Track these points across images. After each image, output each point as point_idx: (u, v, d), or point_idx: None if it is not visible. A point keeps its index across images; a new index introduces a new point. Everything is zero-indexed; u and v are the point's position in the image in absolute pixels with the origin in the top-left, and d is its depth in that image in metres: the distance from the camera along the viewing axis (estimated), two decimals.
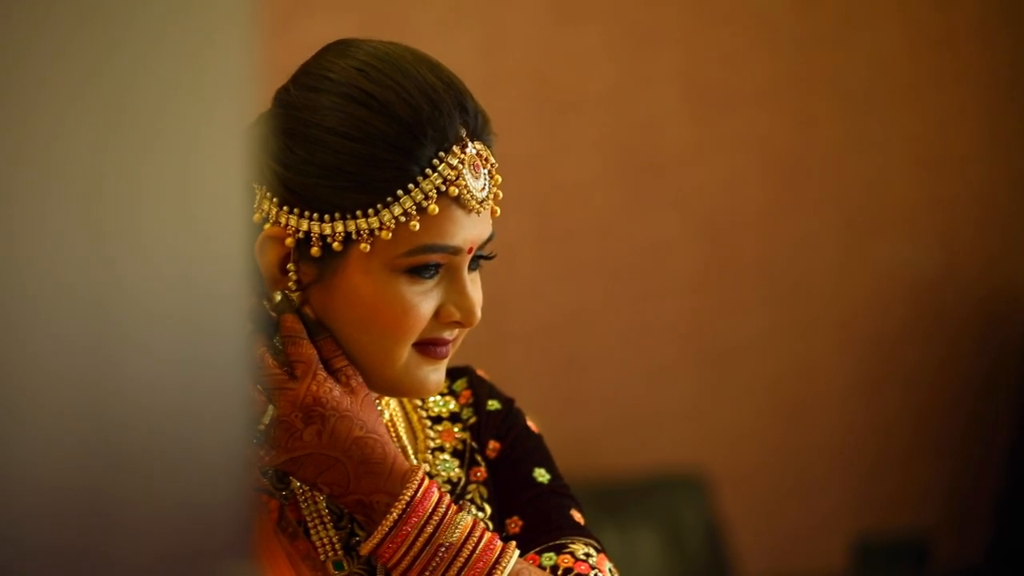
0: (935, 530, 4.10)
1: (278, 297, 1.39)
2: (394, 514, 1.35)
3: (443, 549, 1.35)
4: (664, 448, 3.85)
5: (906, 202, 4.08)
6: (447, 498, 1.38)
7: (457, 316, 1.40)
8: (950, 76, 4.10)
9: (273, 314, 1.39)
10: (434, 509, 1.36)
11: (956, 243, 4.14)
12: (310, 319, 1.40)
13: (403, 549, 1.35)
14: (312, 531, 1.41)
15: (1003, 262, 4.20)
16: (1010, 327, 4.20)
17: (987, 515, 4.15)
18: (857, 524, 4.04)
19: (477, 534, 1.37)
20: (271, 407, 1.35)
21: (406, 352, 1.39)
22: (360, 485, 1.36)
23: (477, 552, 1.36)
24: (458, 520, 1.36)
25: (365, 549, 1.37)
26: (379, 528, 1.36)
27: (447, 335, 1.41)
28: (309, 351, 1.37)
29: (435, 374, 1.42)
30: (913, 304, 4.10)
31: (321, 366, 1.37)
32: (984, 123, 4.15)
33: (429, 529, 1.35)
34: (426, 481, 1.37)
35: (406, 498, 1.35)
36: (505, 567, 1.36)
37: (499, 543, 1.37)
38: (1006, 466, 4.13)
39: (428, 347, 1.40)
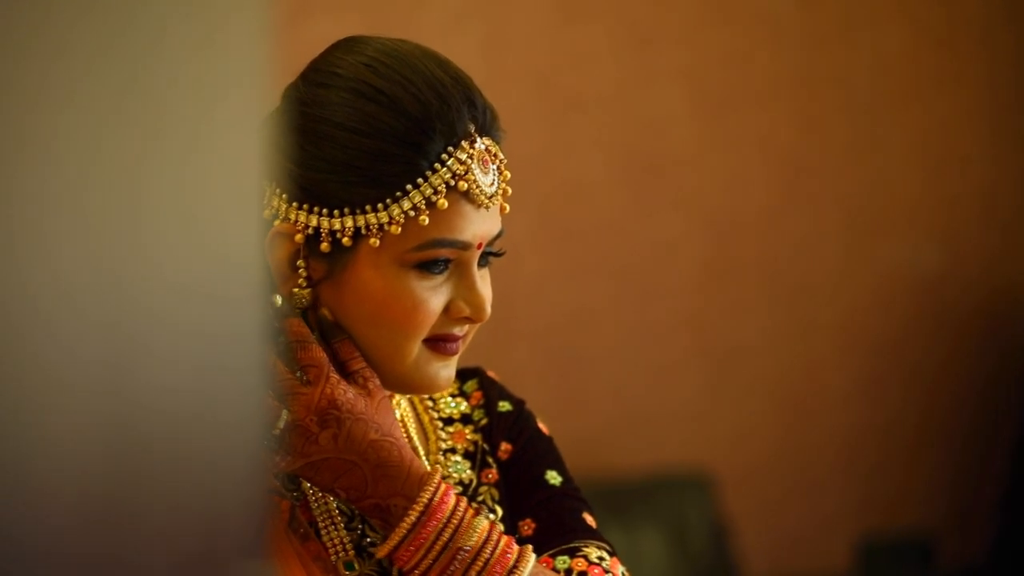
0: (939, 530, 4.09)
1: (279, 302, 1.39)
2: (412, 517, 1.34)
3: (462, 553, 1.34)
4: (668, 447, 3.85)
5: (908, 202, 4.08)
6: (464, 502, 1.37)
7: (467, 312, 1.40)
8: (953, 76, 4.10)
9: (276, 324, 1.38)
10: (452, 513, 1.35)
11: (958, 243, 4.14)
12: (327, 320, 1.39)
13: (421, 553, 1.34)
14: (323, 532, 1.40)
15: (1005, 262, 4.20)
16: (1012, 326, 4.19)
17: (991, 514, 4.15)
18: (861, 524, 4.04)
19: (494, 538, 1.36)
20: (285, 412, 1.34)
21: (416, 348, 1.39)
22: (377, 489, 1.35)
23: (495, 556, 1.35)
24: (476, 524, 1.35)
25: (382, 552, 1.36)
26: (396, 531, 1.35)
27: (457, 331, 1.41)
28: (319, 354, 1.37)
29: (445, 370, 1.41)
30: (915, 304, 4.10)
31: (333, 369, 1.37)
32: (986, 123, 4.15)
33: (447, 533, 1.35)
34: (443, 485, 1.36)
35: (423, 502, 1.35)
36: (523, 571, 1.35)
37: (516, 547, 1.37)
38: (1009, 465, 4.13)
39: (438, 343, 1.40)
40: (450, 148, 1.36)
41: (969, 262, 4.15)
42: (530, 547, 1.38)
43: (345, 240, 1.36)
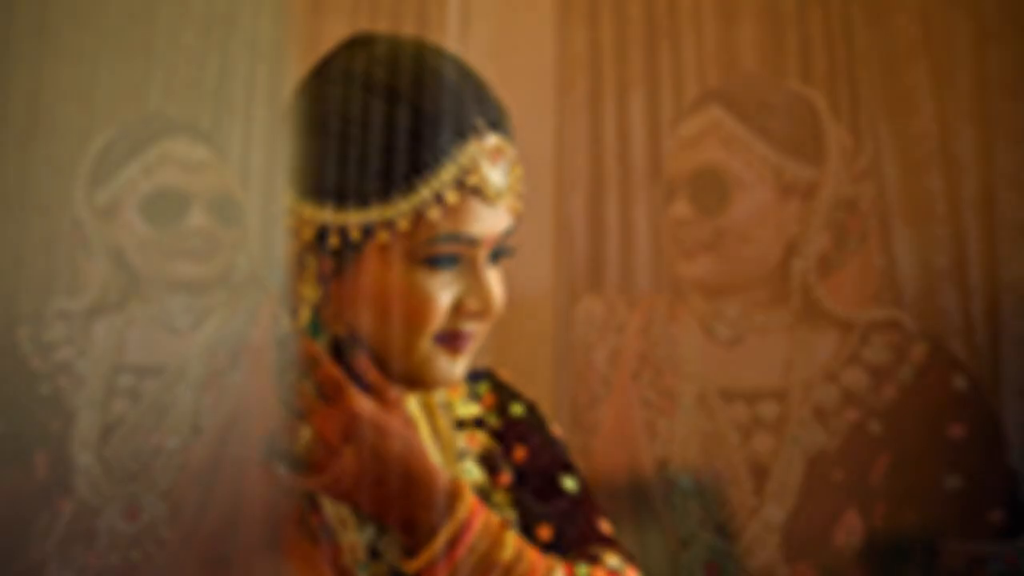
0: (943, 528, 4.08)
1: (288, 325, 1.38)
2: (447, 533, 1.34)
3: (496, 568, 1.34)
4: (668, 447, 3.84)
5: (909, 202, 4.07)
6: (492, 515, 1.36)
7: (475, 308, 1.38)
8: (953, 75, 4.09)
9: (288, 344, 1.37)
10: (484, 527, 1.35)
11: (958, 243, 4.13)
12: (344, 336, 1.39)
13: (454, 569, 1.34)
14: (336, 534, 1.39)
15: (1008, 262, 4.19)
16: (1012, 326, 4.19)
17: (996, 513, 4.14)
18: (863, 523, 4.03)
19: (524, 552, 1.36)
20: (306, 430, 1.33)
21: (426, 343, 1.38)
22: (404, 501, 1.34)
23: (527, 571, 1.35)
24: (507, 539, 1.35)
25: (413, 567, 1.35)
26: (429, 547, 1.34)
27: (466, 328, 1.39)
28: (336, 372, 1.36)
29: (454, 367, 1.40)
30: (918, 304, 4.09)
31: (351, 383, 1.36)
32: (986, 123, 4.14)
33: (482, 546, 1.34)
34: (471, 498, 1.36)
35: (459, 519, 1.34)
36: None
37: (544, 559, 1.37)
38: (1014, 464, 4.12)
39: (448, 340, 1.39)
40: (459, 143, 1.36)
41: (971, 263, 4.15)
42: (556, 560, 1.38)
43: (354, 235, 1.35)
